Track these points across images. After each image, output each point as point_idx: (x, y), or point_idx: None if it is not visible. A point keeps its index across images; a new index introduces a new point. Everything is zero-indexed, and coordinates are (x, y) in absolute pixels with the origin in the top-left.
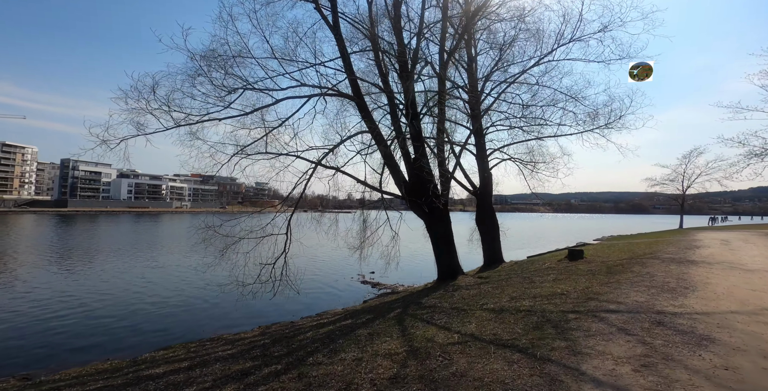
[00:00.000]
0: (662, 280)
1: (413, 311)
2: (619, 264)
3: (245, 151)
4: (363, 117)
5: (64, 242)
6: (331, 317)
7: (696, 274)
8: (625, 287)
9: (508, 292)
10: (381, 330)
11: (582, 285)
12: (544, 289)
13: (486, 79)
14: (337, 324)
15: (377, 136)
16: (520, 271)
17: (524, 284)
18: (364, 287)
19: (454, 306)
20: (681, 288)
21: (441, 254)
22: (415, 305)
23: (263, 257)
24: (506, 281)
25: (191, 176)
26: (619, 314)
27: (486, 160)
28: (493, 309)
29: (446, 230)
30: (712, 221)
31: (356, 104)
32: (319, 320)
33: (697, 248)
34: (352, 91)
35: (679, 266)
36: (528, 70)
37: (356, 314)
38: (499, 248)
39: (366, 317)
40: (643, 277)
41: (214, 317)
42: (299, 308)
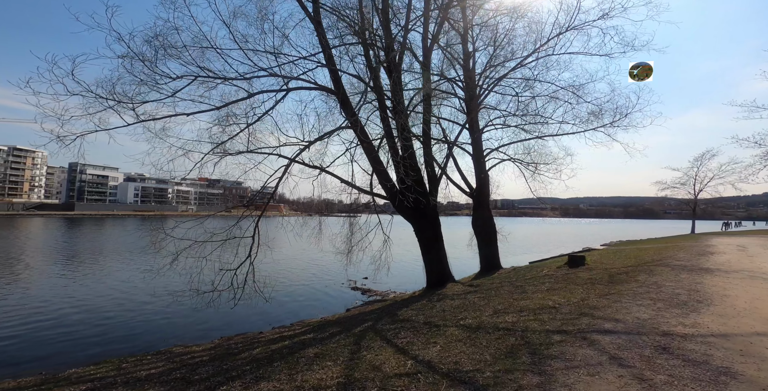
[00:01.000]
0: (671, 291)
1: (382, 326)
2: (623, 272)
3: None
4: (345, 112)
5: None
6: (299, 328)
7: (711, 284)
8: (627, 300)
9: (493, 304)
10: (331, 350)
11: (577, 297)
12: (534, 301)
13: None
14: (295, 339)
15: (360, 132)
16: (515, 278)
17: (514, 295)
18: (354, 293)
19: (428, 320)
20: (693, 302)
21: (430, 260)
22: (389, 317)
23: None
24: (496, 291)
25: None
26: (615, 335)
27: (483, 160)
28: (470, 326)
29: (436, 234)
30: (726, 226)
31: (337, 99)
32: (284, 332)
33: (711, 254)
34: (333, 85)
35: (691, 274)
36: (526, 64)
37: (325, 327)
38: (496, 254)
39: (331, 330)
40: (649, 288)
41: (186, 325)
42: (280, 315)
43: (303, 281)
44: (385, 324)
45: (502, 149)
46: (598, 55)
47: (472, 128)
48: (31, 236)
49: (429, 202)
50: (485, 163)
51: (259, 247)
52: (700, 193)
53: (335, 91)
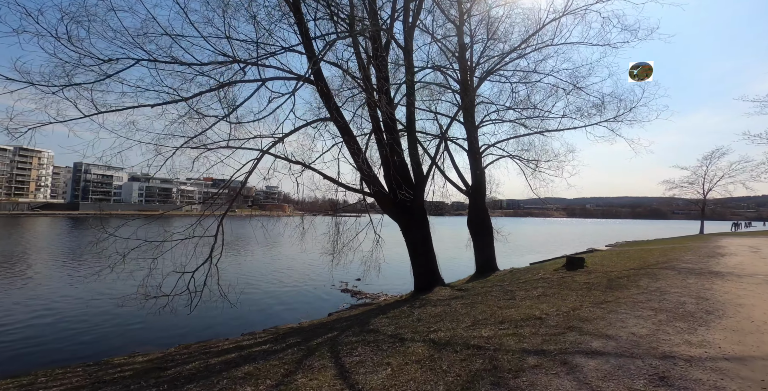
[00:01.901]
0: (676, 300)
1: (345, 337)
2: (623, 276)
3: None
4: (325, 104)
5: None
6: (263, 336)
7: (722, 291)
8: (624, 310)
9: (475, 312)
10: (266, 370)
11: (569, 305)
12: (520, 309)
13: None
14: (245, 351)
15: (342, 126)
16: (508, 282)
17: (501, 301)
18: (343, 296)
19: (396, 332)
20: (702, 313)
21: (418, 262)
22: (359, 326)
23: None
24: (483, 296)
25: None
26: (603, 358)
27: (479, 156)
28: (439, 341)
29: (424, 235)
30: (735, 226)
31: (318, 90)
32: (244, 341)
33: (721, 255)
34: (313, 75)
35: (700, 279)
36: (525, 55)
37: (288, 336)
38: (492, 255)
39: (291, 340)
40: (651, 295)
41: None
42: (260, 319)
43: (294, 282)
44: (348, 336)
45: (500, 145)
46: (599, 45)
47: (467, 122)
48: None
49: (416, 199)
50: (482, 159)
51: (223, 248)
52: (710, 192)
53: (314, 81)
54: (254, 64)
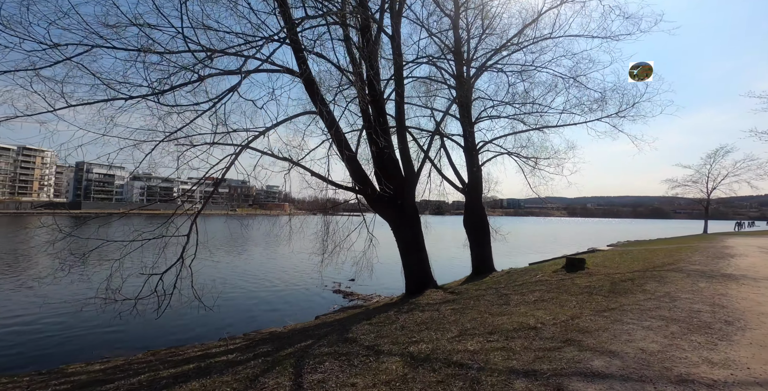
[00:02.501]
0: (688, 307)
1: (318, 348)
2: (627, 279)
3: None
4: (310, 96)
5: None
6: (238, 342)
7: (739, 296)
8: (630, 320)
9: (465, 320)
10: (215, 387)
11: (567, 312)
12: (513, 317)
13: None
14: (209, 360)
15: (329, 120)
16: (504, 284)
17: (493, 307)
18: (335, 297)
19: (374, 343)
20: (720, 324)
21: (409, 263)
22: (338, 334)
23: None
24: (476, 301)
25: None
26: (607, 382)
27: (475, 153)
28: (418, 355)
29: (415, 234)
30: (739, 226)
31: (302, 81)
32: (214, 348)
33: (731, 256)
34: (298, 67)
35: (712, 282)
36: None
37: (261, 344)
38: (489, 255)
39: (262, 349)
40: (660, 301)
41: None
42: (245, 322)
43: (287, 283)
44: (323, 345)
45: (498, 142)
46: (600, 37)
47: (463, 118)
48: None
49: (407, 196)
50: (478, 156)
51: (197, 248)
52: (713, 191)
53: (299, 72)
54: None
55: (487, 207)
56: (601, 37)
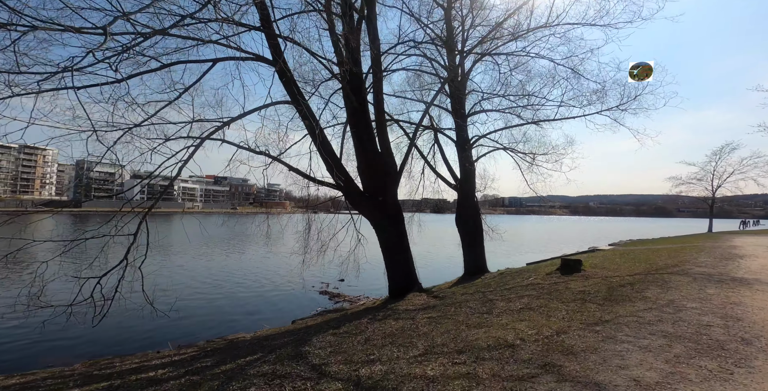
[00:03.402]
0: (696, 319)
1: (258, 366)
2: (626, 283)
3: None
4: (285, 86)
5: None
6: (186, 353)
7: (755, 306)
8: (626, 337)
9: (437, 332)
10: None
11: (554, 325)
12: (492, 329)
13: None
14: (129, 377)
15: (304, 109)
16: (494, 288)
17: (473, 316)
18: (320, 299)
19: (324, 362)
20: (735, 343)
21: (392, 264)
22: (292, 347)
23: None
24: (457, 308)
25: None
26: None
27: (468, 148)
28: (364, 382)
29: (399, 234)
30: (744, 224)
31: (276, 70)
32: (155, 359)
33: (740, 257)
34: (272, 53)
35: (722, 288)
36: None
37: (207, 355)
38: (482, 255)
39: (197, 364)
40: (662, 311)
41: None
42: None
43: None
44: (266, 362)
45: (493, 137)
46: (599, 25)
47: (455, 111)
48: None
49: (389, 193)
50: (472, 151)
51: (148, 249)
52: (718, 189)
53: (272, 60)
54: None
55: (488, 205)
56: (600, 24)
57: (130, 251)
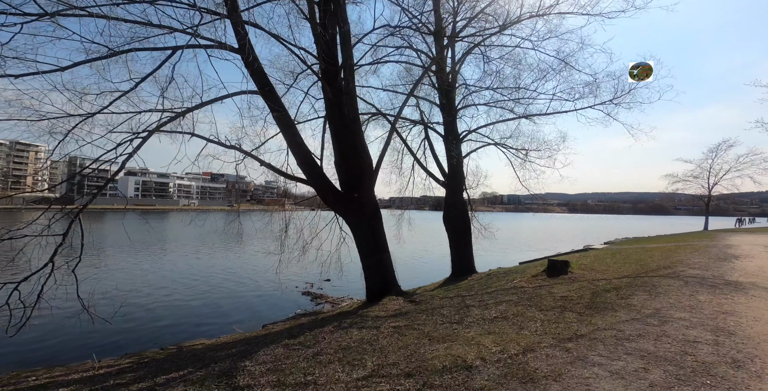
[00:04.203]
0: (682, 334)
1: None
2: (613, 287)
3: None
4: (252, 75)
5: None
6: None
7: (751, 316)
8: (598, 357)
9: (394, 347)
10: None
11: (523, 341)
12: (455, 345)
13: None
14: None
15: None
16: (476, 291)
17: (441, 327)
18: (301, 300)
19: (250, 384)
20: (725, 366)
21: (369, 266)
22: (231, 361)
23: None
24: (429, 315)
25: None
26: None
27: (455, 142)
28: None
29: (376, 234)
30: (739, 222)
31: (243, 59)
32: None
33: (735, 258)
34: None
35: (714, 294)
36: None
37: (139, 368)
38: (470, 255)
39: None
40: (646, 323)
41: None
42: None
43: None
44: (186, 382)
45: (484, 132)
46: (591, 14)
47: (443, 105)
48: None
49: (365, 190)
50: (461, 146)
51: (82, 250)
52: (715, 187)
53: (238, 49)
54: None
55: (487, 203)
56: (593, 14)
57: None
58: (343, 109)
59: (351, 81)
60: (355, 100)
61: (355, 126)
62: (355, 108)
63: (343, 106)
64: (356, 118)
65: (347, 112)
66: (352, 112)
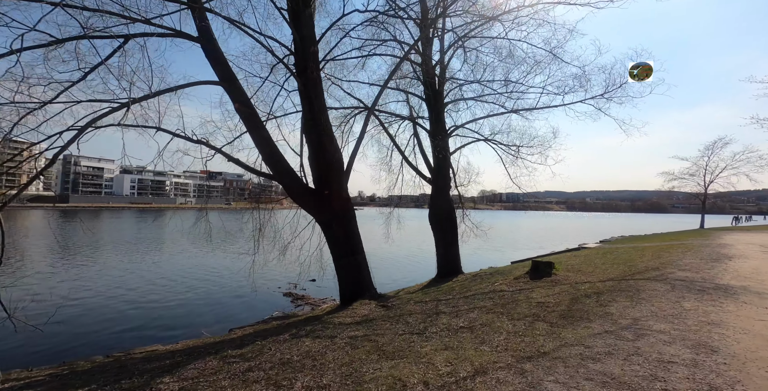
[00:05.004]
0: (657, 353)
1: None
2: (595, 292)
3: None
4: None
5: None
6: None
7: (739, 327)
8: (553, 385)
9: (337, 364)
10: None
11: (478, 360)
12: (402, 363)
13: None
14: None
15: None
16: (455, 294)
17: (401, 338)
18: (282, 301)
19: None
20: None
21: (340, 268)
22: (154, 374)
23: None
24: (395, 323)
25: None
26: None
27: (443, 138)
28: None
29: (347, 234)
30: (736, 220)
31: (203, 48)
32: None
33: (728, 258)
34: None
35: (701, 300)
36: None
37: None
38: (456, 255)
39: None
40: (619, 337)
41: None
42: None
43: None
44: None
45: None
46: (578, 4)
47: (428, 98)
48: None
49: (336, 187)
50: (448, 142)
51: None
52: (711, 185)
53: (197, 37)
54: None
55: (486, 201)
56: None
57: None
58: (312, 101)
59: (315, 69)
60: (321, 91)
61: (322, 117)
62: (322, 98)
63: (312, 98)
64: (323, 109)
65: (314, 103)
66: (319, 103)
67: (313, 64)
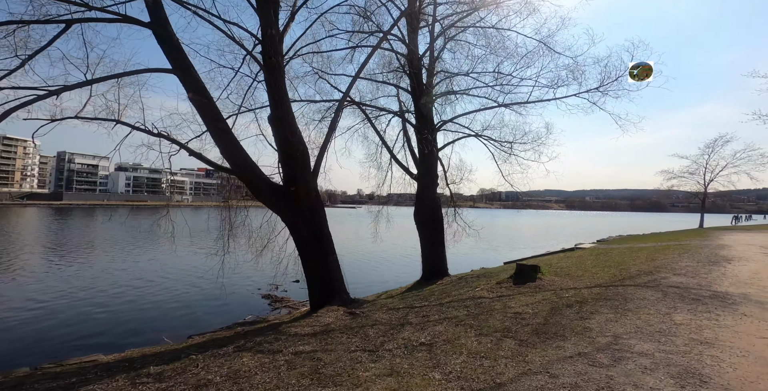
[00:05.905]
0: (632, 385)
1: None
2: (579, 300)
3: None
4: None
5: None
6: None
7: (735, 347)
8: None
9: (265, 388)
10: None
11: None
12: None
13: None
14: None
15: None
16: (432, 300)
17: (348, 355)
18: (259, 303)
19: None
20: None
21: (308, 271)
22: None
23: None
24: (352, 335)
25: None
26: None
27: (430, 133)
28: None
29: (315, 235)
30: (736, 220)
31: (154, 33)
32: None
33: (727, 261)
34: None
35: (696, 311)
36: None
37: None
38: (442, 257)
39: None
40: (593, 360)
41: None
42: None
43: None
44: None
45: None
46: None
47: (413, 91)
48: None
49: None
50: (437, 137)
51: None
52: (711, 184)
53: (149, 22)
54: None
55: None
56: None
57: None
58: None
59: (274, 54)
60: (281, 77)
61: (283, 106)
62: (283, 86)
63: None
64: (283, 97)
65: (274, 91)
66: (278, 92)
67: (270, 48)
